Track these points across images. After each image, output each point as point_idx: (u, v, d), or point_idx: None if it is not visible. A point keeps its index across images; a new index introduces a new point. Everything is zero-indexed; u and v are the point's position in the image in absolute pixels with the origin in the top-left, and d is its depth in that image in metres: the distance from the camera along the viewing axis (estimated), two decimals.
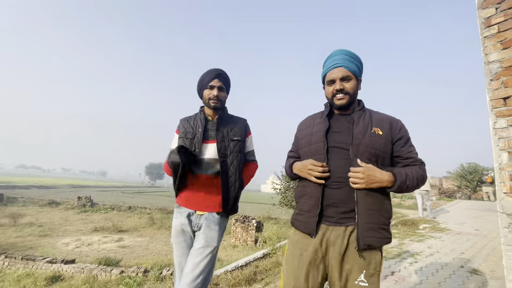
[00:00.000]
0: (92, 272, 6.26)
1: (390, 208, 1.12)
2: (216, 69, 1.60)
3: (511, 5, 1.88)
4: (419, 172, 1.11)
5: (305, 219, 1.15)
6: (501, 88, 1.89)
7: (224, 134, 1.54)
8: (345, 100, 1.17)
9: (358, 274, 1.03)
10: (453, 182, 20.37)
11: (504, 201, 1.80)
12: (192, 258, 1.38)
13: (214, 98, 1.53)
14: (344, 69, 1.16)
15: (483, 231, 5.66)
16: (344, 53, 1.19)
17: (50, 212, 17.69)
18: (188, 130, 1.55)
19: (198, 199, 1.49)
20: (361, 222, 1.04)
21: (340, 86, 1.16)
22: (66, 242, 10.10)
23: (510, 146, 1.81)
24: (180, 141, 1.53)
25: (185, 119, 1.63)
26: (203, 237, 1.42)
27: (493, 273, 3.00)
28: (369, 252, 1.05)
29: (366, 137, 1.11)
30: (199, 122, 1.56)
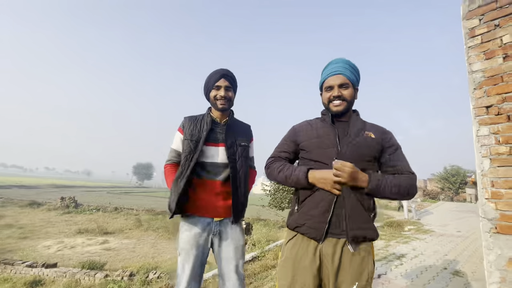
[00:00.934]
0: (75, 276, 6.05)
1: (372, 204, 1.15)
2: (221, 69, 1.56)
3: (494, 17, 1.95)
4: (403, 181, 1.10)
5: (314, 225, 1.12)
6: (484, 97, 1.96)
7: (232, 139, 1.53)
8: (342, 106, 1.19)
9: (351, 285, 1.03)
10: (437, 184, 21.03)
11: (486, 207, 1.86)
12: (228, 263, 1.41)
13: (221, 98, 1.50)
14: (343, 77, 1.20)
15: (465, 233, 5.85)
16: (344, 61, 1.23)
17: (31, 213, 16.99)
18: (193, 132, 1.50)
19: (213, 206, 1.45)
20: (349, 215, 1.08)
21: (338, 93, 1.19)
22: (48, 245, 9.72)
23: (492, 153, 1.88)
24: (186, 144, 1.48)
25: (191, 119, 1.57)
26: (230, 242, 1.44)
27: (474, 274, 3.10)
28: (361, 261, 1.06)
29: (358, 137, 1.16)
30: (205, 126, 1.51)
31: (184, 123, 1.56)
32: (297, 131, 1.32)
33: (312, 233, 1.11)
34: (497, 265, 1.78)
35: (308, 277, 1.08)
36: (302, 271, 1.10)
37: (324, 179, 1.11)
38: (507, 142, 1.81)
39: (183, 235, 1.43)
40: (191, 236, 1.41)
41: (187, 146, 1.47)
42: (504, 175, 1.81)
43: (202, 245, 1.42)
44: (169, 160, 1.58)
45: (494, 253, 1.79)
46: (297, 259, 1.13)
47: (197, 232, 1.41)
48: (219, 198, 1.46)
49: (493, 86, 1.92)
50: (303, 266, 1.10)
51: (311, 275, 1.08)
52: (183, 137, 1.52)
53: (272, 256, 3.88)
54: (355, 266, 1.05)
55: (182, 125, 1.57)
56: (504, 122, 1.84)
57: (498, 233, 1.79)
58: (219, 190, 1.46)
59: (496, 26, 1.94)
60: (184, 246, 1.40)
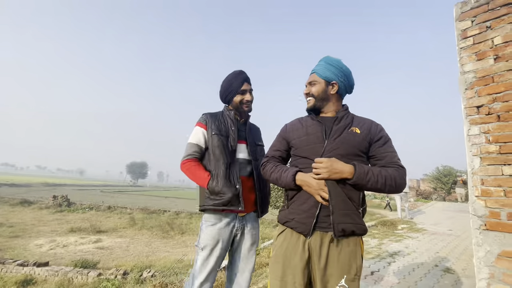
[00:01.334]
0: (67, 275, 5.97)
1: (359, 197, 1.14)
2: (241, 71, 1.59)
3: (485, 19, 2.00)
4: (391, 173, 1.10)
5: (302, 219, 1.14)
6: (475, 97, 2.00)
7: (252, 137, 1.62)
8: (311, 102, 1.26)
9: (339, 279, 1.05)
10: (429, 184, 21.35)
11: (476, 204, 1.91)
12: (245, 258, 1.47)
13: (247, 102, 1.56)
14: (314, 75, 1.27)
15: (456, 232, 5.97)
16: (322, 60, 1.29)
17: (22, 211, 16.67)
18: (220, 128, 1.52)
19: (244, 200, 1.47)
20: (335, 209, 1.08)
21: (307, 91, 1.28)
22: (40, 244, 9.56)
23: (482, 152, 1.92)
24: (215, 138, 1.49)
25: (212, 115, 1.58)
26: (249, 237, 1.49)
27: (465, 271, 3.17)
28: (349, 255, 1.08)
29: (343, 133, 1.17)
30: (230, 121, 1.56)
31: (206, 119, 1.56)
32: (288, 129, 1.35)
33: (300, 228, 1.14)
34: (486, 261, 1.82)
35: (298, 273, 1.10)
36: (292, 267, 1.12)
37: (308, 184, 1.14)
38: (497, 141, 1.85)
39: (208, 230, 1.43)
40: (216, 231, 1.42)
41: (218, 140, 1.48)
42: (493, 173, 1.85)
43: (226, 240, 1.44)
44: (190, 155, 1.52)
45: (484, 249, 1.84)
46: (287, 255, 1.15)
47: (222, 227, 1.43)
48: (247, 193, 1.49)
49: (484, 87, 1.97)
50: (293, 263, 1.12)
51: (301, 271, 1.10)
52: (209, 132, 1.52)
53: (267, 254, 3.90)
54: (344, 260, 1.07)
55: (204, 121, 1.55)
56: (494, 121, 1.89)
57: (488, 230, 1.83)
58: (246, 185, 1.50)
59: (488, 27, 1.98)
60: (209, 242, 1.41)
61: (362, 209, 1.14)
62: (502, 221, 1.78)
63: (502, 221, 1.78)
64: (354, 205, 1.11)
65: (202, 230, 1.45)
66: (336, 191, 1.09)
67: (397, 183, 1.10)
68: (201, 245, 1.42)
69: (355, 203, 1.12)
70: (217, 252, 1.40)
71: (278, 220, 1.27)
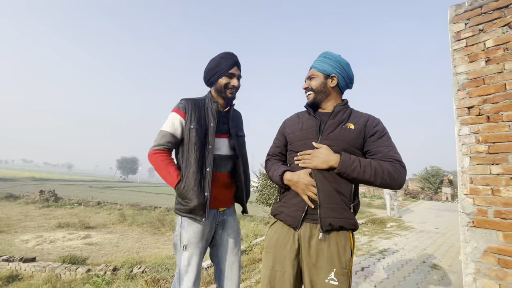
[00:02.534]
0: (55, 271, 5.86)
1: (350, 191, 1.10)
2: (232, 54, 1.45)
3: (478, 22, 2.05)
4: (384, 166, 1.05)
5: (291, 213, 1.16)
6: (466, 98, 2.06)
7: (235, 129, 1.51)
8: (311, 96, 1.26)
9: (328, 272, 1.04)
10: (418, 183, 21.85)
11: (464, 202, 1.97)
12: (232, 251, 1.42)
13: (233, 88, 1.43)
14: (312, 70, 1.27)
15: (442, 230, 6.14)
16: (320, 55, 1.29)
17: (7, 206, 16.21)
18: (202, 123, 1.37)
19: (220, 198, 1.42)
20: (322, 203, 1.07)
21: (306, 85, 1.28)
22: (26, 239, 9.33)
23: (472, 152, 1.98)
24: (193, 133, 1.34)
25: (193, 103, 1.41)
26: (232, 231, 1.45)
27: (451, 267, 3.27)
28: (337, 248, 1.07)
29: (336, 129, 1.16)
30: (211, 114, 1.41)
31: (186, 106, 1.38)
32: (286, 124, 1.36)
33: (289, 221, 1.16)
34: (472, 257, 1.89)
35: (287, 264, 1.11)
36: (281, 258, 1.13)
37: (295, 184, 1.15)
38: (486, 141, 1.91)
39: (190, 228, 1.33)
40: (199, 228, 1.34)
41: (195, 137, 1.34)
42: (482, 172, 1.92)
43: (208, 236, 1.39)
44: (161, 145, 1.36)
45: (471, 245, 1.90)
46: (277, 246, 1.16)
47: (207, 224, 1.36)
48: (226, 190, 1.46)
49: (475, 88, 2.02)
50: (283, 254, 1.13)
51: (290, 262, 1.11)
52: (188, 124, 1.36)
53: (260, 250, 3.93)
54: (333, 253, 1.06)
55: (183, 108, 1.38)
56: (484, 122, 1.95)
57: (475, 227, 1.90)
58: (226, 182, 1.45)
59: (481, 30, 2.03)
60: (192, 240, 1.32)
61: (354, 205, 1.12)
62: (489, 219, 1.84)
63: (489, 219, 1.84)
64: (344, 199, 1.09)
65: (184, 227, 1.34)
66: (323, 185, 1.08)
67: (391, 177, 1.04)
68: (184, 243, 1.32)
69: (345, 197, 1.10)
70: (200, 249, 1.34)
71: (271, 212, 1.29)
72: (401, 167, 1.08)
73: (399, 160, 1.10)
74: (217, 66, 1.42)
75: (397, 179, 1.06)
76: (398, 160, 1.09)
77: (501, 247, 1.73)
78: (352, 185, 1.11)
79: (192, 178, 1.30)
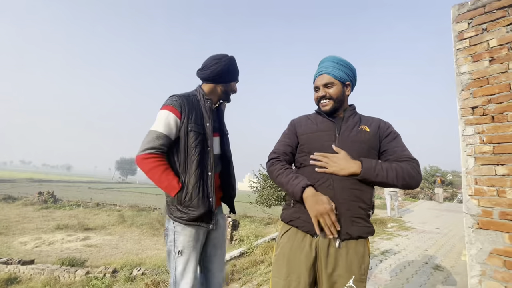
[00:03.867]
0: (54, 273, 5.81)
1: (369, 198, 1.11)
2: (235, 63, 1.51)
3: (482, 21, 2.03)
4: (403, 167, 1.07)
5: (308, 218, 1.09)
6: (470, 98, 2.04)
7: (222, 127, 1.51)
8: (329, 105, 1.21)
9: (347, 279, 1.03)
10: None
11: (469, 203, 1.95)
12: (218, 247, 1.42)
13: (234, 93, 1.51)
14: (327, 76, 1.21)
15: (443, 230, 6.13)
16: (330, 60, 1.24)
17: (5, 208, 16.13)
18: (199, 123, 1.31)
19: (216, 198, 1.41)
20: (340, 212, 1.06)
21: (323, 93, 1.22)
22: (24, 241, 9.28)
23: (476, 152, 1.96)
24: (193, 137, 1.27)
25: (187, 102, 1.32)
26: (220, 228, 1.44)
27: (453, 268, 3.25)
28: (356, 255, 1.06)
29: (353, 132, 1.16)
30: (206, 113, 1.36)
31: (182, 104, 1.29)
32: (296, 124, 1.31)
33: (306, 227, 1.11)
34: (478, 259, 1.86)
35: (303, 272, 1.08)
36: (297, 267, 1.09)
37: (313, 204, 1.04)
38: (491, 141, 1.89)
39: (185, 232, 1.26)
40: (194, 231, 1.28)
41: (196, 139, 1.27)
42: (487, 173, 1.89)
43: (203, 239, 1.37)
44: (154, 149, 1.23)
45: (476, 247, 1.88)
46: (291, 254, 1.12)
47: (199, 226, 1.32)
48: (218, 190, 1.43)
49: (479, 88, 2.00)
50: (298, 261, 1.09)
51: (306, 270, 1.07)
52: (185, 124, 1.27)
53: (260, 252, 3.90)
54: (351, 260, 1.05)
55: (178, 106, 1.28)
56: (489, 122, 1.93)
57: (480, 229, 1.87)
58: (217, 183, 1.42)
59: (484, 30, 2.02)
60: (188, 244, 1.26)
61: (372, 212, 1.13)
62: (494, 220, 1.82)
63: (494, 220, 1.82)
64: (363, 207, 1.09)
65: (177, 232, 1.26)
66: (343, 194, 1.07)
67: (410, 176, 1.06)
68: (179, 249, 1.25)
69: (365, 204, 1.09)
70: (196, 253, 1.29)
71: (282, 218, 1.23)
72: (418, 166, 1.11)
73: (414, 158, 1.12)
74: (234, 71, 1.45)
75: (416, 178, 1.08)
76: (413, 159, 1.12)
77: (508, 249, 1.71)
78: (372, 191, 1.12)
79: (195, 185, 1.23)
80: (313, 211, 1.04)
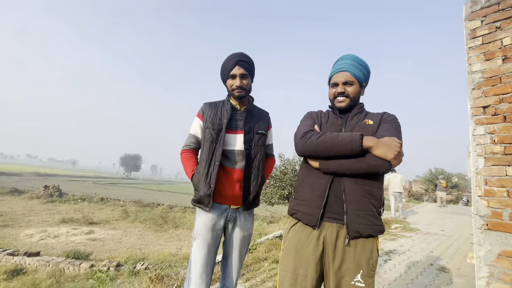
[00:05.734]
0: (59, 265, 5.90)
1: (379, 194, 1.10)
2: (235, 54, 1.50)
3: (495, 19, 1.99)
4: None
5: (308, 210, 1.13)
6: (482, 97, 2.00)
7: (251, 125, 1.52)
8: (345, 103, 1.22)
9: (355, 274, 1.03)
10: (421, 185, 21.68)
11: (478, 204, 1.92)
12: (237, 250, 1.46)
13: (238, 88, 1.47)
14: (348, 74, 1.21)
15: (448, 232, 6.06)
16: (351, 58, 1.24)
17: (12, 201, 16.40)
18: (215, 121, 1.48)
19: (231, 193, 1.45)
20: (350, 209, 1.05)
21: (341, 90, 1.22)
22: (30, 234, 9.42)
23: (487, 153, 1.93)
24: (207, 132, 1.47)
25: (211, 106, 1.54)
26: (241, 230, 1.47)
27: (459, 271, 3.21)
28: (364, 250, 1.05)
29: (357, 126, 1.17)
30: (225, 113, 1.50)
31: (204, 109, 1.53)
32: (313, 115, 1.33)
33: (306, 219, 1.12)
34: (486, 260, 1.84)
35: (310, 265, 1.08)
36: (304, 260, 1.09)
37: (388, 143, 0.99)
38: (502, 141, 1.86)
39: (200, 218, 1.42)
40: (209, 219, 1.40)
41: (208, 134, 1.46)
42: (497, 173, 1.86)
43: (218, 229, 1.43)
44: (187, 146, 1.56)
45: (484, 248, 1.85)
46: (298, 247, 1.12)
47: (214, 217, 1.41)
48: (238, 186, 1.45)
49: (491, 87, 1.96)
50: (306, 255, 1.09)
51: (314, 264, 1.07)
52: (204, 125, 1.50)
53: (264, 249, 3.90)
54: (360, 255, 1.05)
55: (201, 111, 1.54)
56: (500, 122, 1.89)
57: (489, 230, 1.84)
58: (237, 178, 1.45)
59: (498, 28, 1.97)
60: (201, 231, 1.40)
61: (382, 209, 1.12)
62: (504, 221, 1.79)
63: (504, 221, 1.79)
64: (374, 203, 1.08)
65: (197, 217, 1.46)
66: (352, 189, 1.06)
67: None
68: (194, 234, 1.43)
69: (376, 201, 1.09)
70: (209, 240, 1.39)
71: (288, 211, 1.25)
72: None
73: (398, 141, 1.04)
74: (223, 70, 1.53)
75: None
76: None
77: None
78: (382, 187, 1.11)
79: (202, 171, 1.42)
80: (391, 152, 0.98)
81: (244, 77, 1.48)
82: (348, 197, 1.06)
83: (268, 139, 1.62)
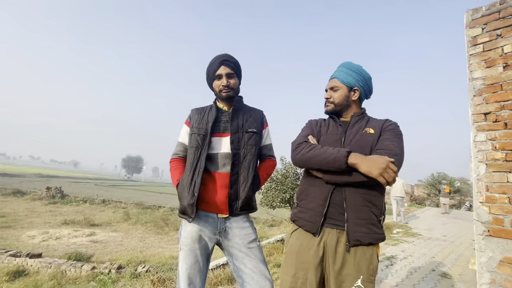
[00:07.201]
0: (61, 267, 5.91)
1: (380, 203, 1.10)
2: (220, 55, 1.46)
3: (496, 27, 2.01)
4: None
5: (310, 218, 1.15)
6: (483, 104, 2.02)
7: (238, 125, 1.42)
8: (330, 107, 1.28)
9: (355, 279, 1.04)
10: (423, 190, 21.56)
11: (480, 210, 1.92)
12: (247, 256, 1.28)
13: (225, 87, 1.41)
14: (335, 80, 1.27)
15: (450, 237, 6.02)
16: (342, 65, 1.29)
17: (14, 202, 16.47)
18: (200, 126, 1.42)
19: (217, 199, 1.33)
20: (350, 217, 1.06)
21: (327, 95, 1.29)
22: (32, 235, 9.45)
23: (488, 159, 1.94)
24: (193, 138, 1.41)
25: (198, 111, 1.50)
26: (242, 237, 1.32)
27: (461, 277, 3.20)
28: (365, 256, 1.07)
29: (357, 135, 1.18)
30: (210, 116, 1.44)
31: (191, 116, 1.50)
32: (313, 124, 1.35)
33: (307, 226, 1.14)
34: (488, 267, 1.84)
35: (310, 270, 1.09)
36: (305, 264, 1.11)
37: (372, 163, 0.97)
38: (504, 148, 1.87)
39: (186, 228, 1.34)
40: (194, 230, 1.32)
41: (194, 140, 1.40)
42: (499, 180, 1.87)
43: (205, 240, 1.33)
44: (175, 154, 1.51)
45: (486, 255, 1.85)
46: (300, 252, 1.14)
47: (200, 227, 1.33)
48: (223, 192, 1.33)
49: (492, 94, 1.98)
50: (306, 259, 1.11)
51: (314, 268, 1.09)
52: (190, 131, 1.46)
53: (265, 253, 3.90)
54: (360, 260, 1.06)
55: (189, 118, 1.51)
56: (502, 129, 1.90)
57: (491, 236, 1.85)
58: (223, 183, 1.33)
59: (498, 36, 2.00)
60: (186, 241, 1.32)
61: (383, 218, 1.13)
62: (505, 228, 1.79)
63: (505, 228, 1.79)
64: (375, 212, 1.09)
65: (182, 227, 1.38)
66: (353, 197, 1.08)
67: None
68: (180, 245, 1.35)
69: (377, 210, 1.09)
70: (195, 252, 1.30)
71: (290, 217, 1.27)
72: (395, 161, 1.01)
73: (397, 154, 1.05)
74: (208, 73, 1.48)
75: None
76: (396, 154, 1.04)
77: None
78: (383, 195, 1.12)
79: (186, 180, 1.35)
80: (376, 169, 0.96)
81: (230, 76, 1.42)
82: (349, 206, 1.07)
83: (264, 139, 1.52)
